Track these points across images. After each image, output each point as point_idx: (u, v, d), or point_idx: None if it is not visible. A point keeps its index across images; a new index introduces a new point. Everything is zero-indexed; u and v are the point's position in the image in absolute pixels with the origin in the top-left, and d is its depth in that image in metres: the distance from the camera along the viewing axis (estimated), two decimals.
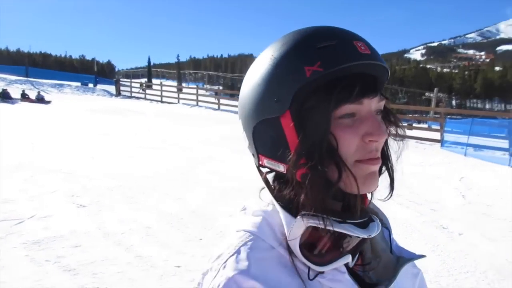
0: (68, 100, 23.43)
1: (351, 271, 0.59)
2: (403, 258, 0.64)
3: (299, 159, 0.54)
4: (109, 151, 8.62)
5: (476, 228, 4.61)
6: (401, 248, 0.67)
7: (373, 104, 0.56)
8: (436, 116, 17.98)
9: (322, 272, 0.55)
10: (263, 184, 0.64)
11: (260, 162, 0.62)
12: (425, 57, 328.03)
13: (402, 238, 4.21)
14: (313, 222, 0.54)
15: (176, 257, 3.65)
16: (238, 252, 0.55)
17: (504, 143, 11.26)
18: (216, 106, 22.39)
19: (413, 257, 0.64)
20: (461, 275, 3.47)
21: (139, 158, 8.02)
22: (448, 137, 13.17)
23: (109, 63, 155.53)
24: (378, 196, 0.64)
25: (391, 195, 0.63)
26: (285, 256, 0.56)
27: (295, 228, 0.55)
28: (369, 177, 0.56)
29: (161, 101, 25.34)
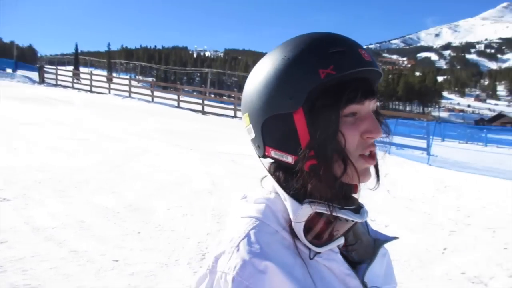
0: None
1: (342, 254, 0.67)
2: (379, 240, 0.73)
3: (310, 152, 0.61)
4: (35, 142, 8.05)
5: (400, 221, 5.00)
6: (376, 231, 0.76)
7: (371, 105, 0.65)
8: None
9: (319, 253, 0.63)
10: (257, 175, 0.70)
11: (266, 153, 0.67)
12: None
13: None
14: (320, 208, 0.61)
15: (114, 251, 3.55)
16: (248, 236, 0.61)
17: (423, 143, 12.25)
18: (149, 98, 21.76)
19: (387, 239, 0.74)
20: None
21: (69, 149, 7.59)
22: None
23: (30, 47, 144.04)
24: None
25: (378, 186, 0.72)
26: (288, 239, 0.62)
27: (302, 213, 0.61)
28: (366, 171, 0.65)
29: (91, 91, 24.04)
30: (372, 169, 0.69)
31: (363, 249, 0.72)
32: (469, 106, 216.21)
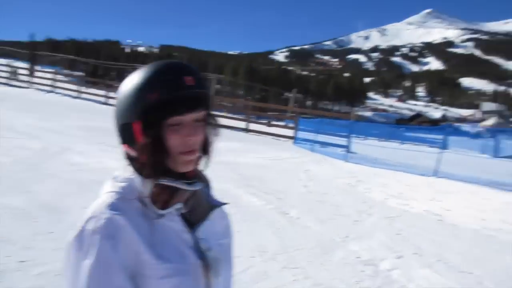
0: None
1: (183, 215, 0.94)
2: (214, 205, 1.01)
3: (142, 150, 0.89)
4: None
5: (311, 213, 5.40)
6: (215, 199, 1.04)
7: (194, 115, 0.89)
8: (293, 115, 19.74)
9: (163, 216, 0.89)
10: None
11: (124, 149, 0.94)
12: (289, 59, 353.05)
13: (250, 223, 4.72)
14: (161, 180, 0.89)
15: (21, 252, 3.47)
16: (109, 203, 0.87)
17: (345, 141, 13.04)
18: (75, 94, 20.77)
19: (220, 204, 1.03)
20: (295, 251, 4.09)
21: None
22: (300, 134, 14.69)
23: None
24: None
25: (206, 167, 1.00)
26: (140, 207, 0.89)
27: (146, 185, 0.90)
28: (188, 162, 0.91)
29: (8, 84, 22.39)
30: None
31: (201, 212, 0.98)
32: (391, 106, 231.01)
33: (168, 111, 0.86)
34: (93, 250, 0.81)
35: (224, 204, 1.04)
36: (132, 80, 0.90)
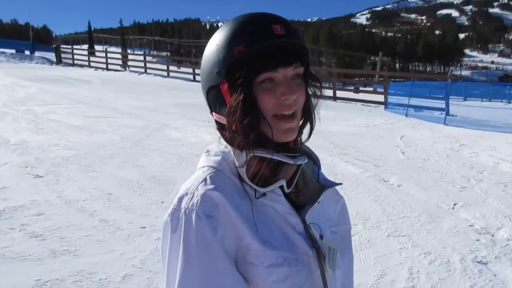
0: (5, 68, 21.93)
1: (287, 196, 0.80)
2: (326, 185, 0.86)
3: (231, 114, 0.76)
4: (59, 121, 8.40)
5: (412, 180, 5.14)
6: (326, 179, 0.88)
7: (289, 72, 0.76)
8: (381, 79, 18.80)
9: (264, 195, 0.77)
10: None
11: (214, 117, 0.83)
12: (370, 22, 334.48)
13: (349, 191, 4.64)
14: (256, 152, 0.76)
15: (141, 220, 3.83)
16: (205, 179, 0.76)
17: (442, 104, 12.10)
18: (165, 73, 21.95)
19: (333, 184, 0.87)
20: (398, 219, 3.94)
21: (90, 127, 7.91)
22: (392, 99, 13.94)
23: (45, 28, 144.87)
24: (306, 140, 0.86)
25: (309, 138, 0.86)
26: (238, 184, 0.78)
27: (242, 158, 0.77)
28: (286, 131, 0.77)
29: (107, 69, 24.38)
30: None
31: (310, 194, 0.86)
32: (492, 62, 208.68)
33: (257, 66, 0.74)
34: (191, 231, 0.71)
35: (338, 184, 0.88)
36: (215, 38, 0.80)
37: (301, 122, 0.82)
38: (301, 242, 0.78)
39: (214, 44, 0.79)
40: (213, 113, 0.82)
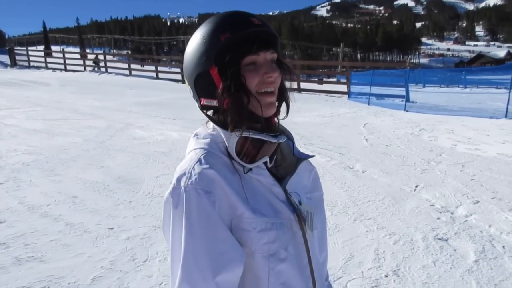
0: None
1: (269, 170, 0.91)
2: (301, 158, 0.99)
3: (224, 93, 0.87)
4: (16, 126, 8.07)
5: (376, 165, 5.30)
6: (300, 152, 1.02)
7: (268, 55, 0.89)
8: (343, 70, 19.15)
9: (251, 169, 0.88)
10: (204, 122, 0.96)
11: (201, 103, 0.93)
12: (331, 13, 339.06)
13: None
14: (245, 133, 0.87)
15: (108, 221, 3.76)
16: (199, 159, 0.86)
17: (402, 91, 12.45)
18: (127, 72, 21.47)
19: (307, 156, 1.00)
20: (364, 204, 4.07)
21: (51, 130, 7.65)
22: (354, 89, 14.25)
23: None
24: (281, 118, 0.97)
25: (287, 115, 0.98)
26: (227, 161, 0.88)
27: (232, 139, 0.88)
28: (268, 105, 0.89)
29: (65, 69, 23.57)
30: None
31: (288, 166, 0.98)
32: (448, 49, 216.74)
33: (242, 49, 0.85)
34: (192, 205, 0.81)
35: (311, 156, 1.01)
36: (199, 31, 0.89)
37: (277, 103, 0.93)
38: (284, 209, 0.90)
39: (199, 37, 0.89)
40: (202, 99, 0.91)
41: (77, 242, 3.35)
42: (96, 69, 24.09)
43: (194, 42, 0.89)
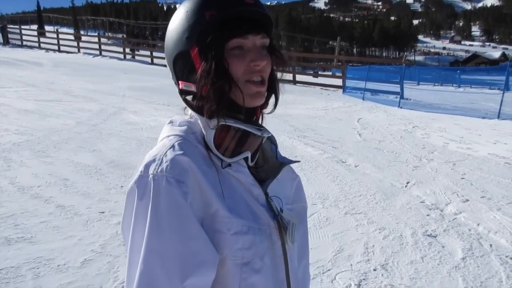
0: None
1: (249, 170, 0.80)
2: (284, 163, 0.89)
3: (202, 78, 0.75)
4: (8, 105, 7.96)
5: (368, 160, 5.34)
6: (283, 157, 0.92)
7: (257, 40, 0.77)
8: (339, 64, 19.14)
9: (230, 165, 0.77)
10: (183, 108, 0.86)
11: (180, 87, 0.81)
12: (329, 6, 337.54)
13: (308, 172, 4.76)
14: (227, 121, 0.77)
15: (99, 205, 3.75)
16: (173, 146, 0.75)
17: (396, 88, 12.50)
18: (121, 56, 21.23)
19: (291, 161, 0.90)
20: (355, 198, 4.10)
21: (43, 111, 7.56)
22: (349, 83, 14.25)
23: None
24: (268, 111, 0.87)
25: (274, 109, 0.87)
26: (204, 152, 0.77)
27: (209, 127, 0.77)
28: (255, 95, 0.78)
29: (59, 50, 23.22)
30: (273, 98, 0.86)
31: (269, 170, 0.87)
32: (444, 48, 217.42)
33: (228, 31, 0.74)
34: (161, 196, 0.69)
35: (295, 161, 0.90)
36: (183, 6, 0.79)
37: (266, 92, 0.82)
38: (263, 213, 0.79)
39: (183, 12, 0.78)
40: (180, 81, 0.81)
41: (68, 224, 3.33)
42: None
43: (177, 18, 0.79)
